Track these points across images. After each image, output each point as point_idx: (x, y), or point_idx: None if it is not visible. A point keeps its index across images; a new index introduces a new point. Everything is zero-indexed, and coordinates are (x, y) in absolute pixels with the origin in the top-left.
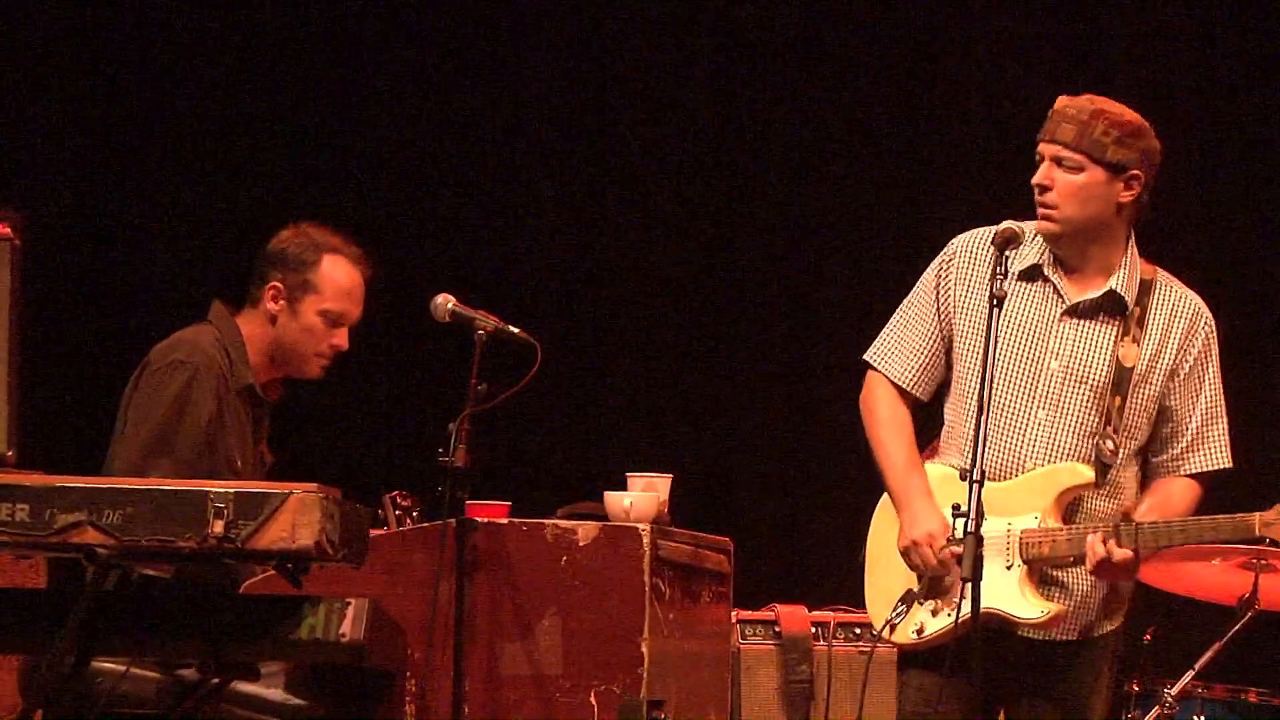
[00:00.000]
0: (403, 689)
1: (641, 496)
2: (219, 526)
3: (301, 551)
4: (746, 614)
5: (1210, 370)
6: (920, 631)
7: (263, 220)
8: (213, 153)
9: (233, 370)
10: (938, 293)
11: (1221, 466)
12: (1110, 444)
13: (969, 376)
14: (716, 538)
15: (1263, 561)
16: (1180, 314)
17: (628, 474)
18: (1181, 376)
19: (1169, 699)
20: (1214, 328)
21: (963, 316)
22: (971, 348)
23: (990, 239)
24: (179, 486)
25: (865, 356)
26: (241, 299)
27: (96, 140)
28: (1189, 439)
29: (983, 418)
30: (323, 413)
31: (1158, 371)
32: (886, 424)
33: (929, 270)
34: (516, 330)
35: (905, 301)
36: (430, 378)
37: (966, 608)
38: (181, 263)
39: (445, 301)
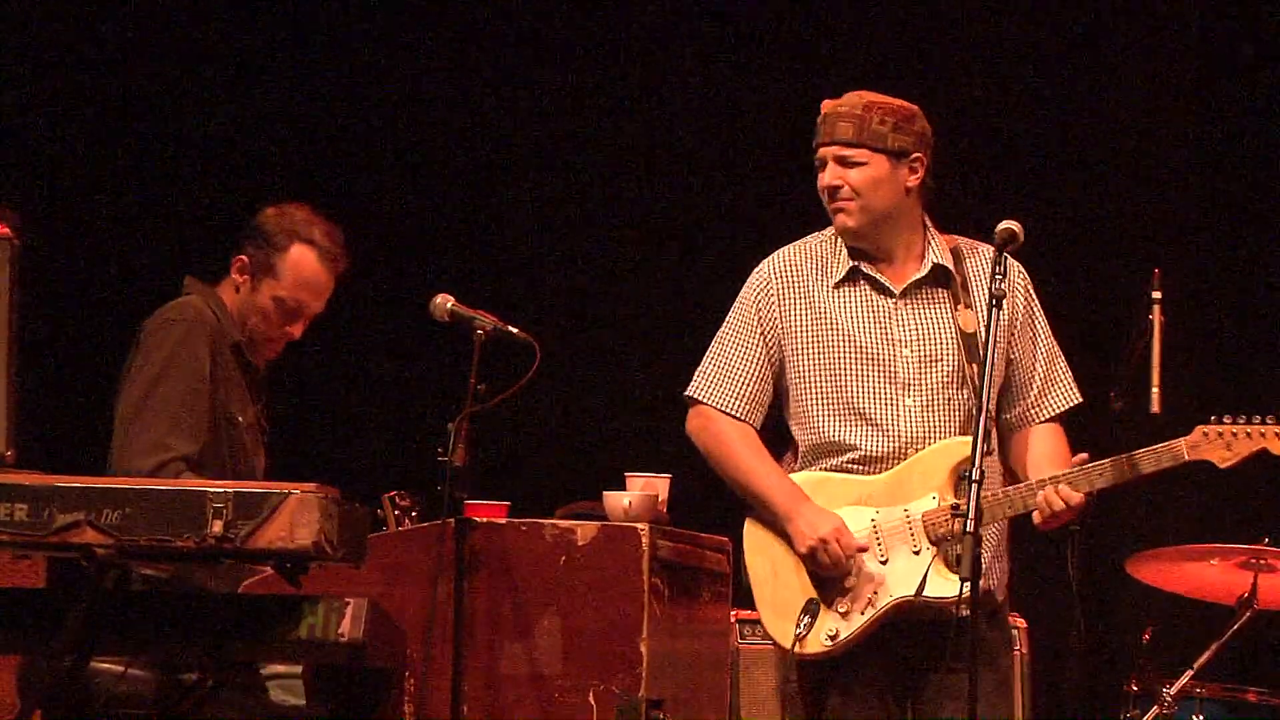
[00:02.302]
0: (402, 688)
1: (640, 496)
2: (218, 526)
3: (300, 551)
4: (745, 614)
5: (1037, 314)
6: (834, 637)
7: None
8: (215, 154)
9: (223, 328)
10: (759, 318)
11: (1074, 403)
12: None
13: (818, 381)
14: (715, 537)
15: (1261, 561)
16: None
17: (626, 474)
18: (1017, 328)
19: (1168, 698)
20: (1027, 275)
21: (798, 331)
22: (817, 356)
23: (798, 252)
24: (178, 486)
25: (688, 393)
26: (219, 276)
27: (97, 140)
28: (1039, 384)
29: (981, 417)
30: (322, 413)
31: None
32: (739, 444)
33: (743, 299)
34: (515, 330)
35: (720, 334)
36: (429, 378)
37: (880, 602)
38: (183, 263)
39: (444, 301)
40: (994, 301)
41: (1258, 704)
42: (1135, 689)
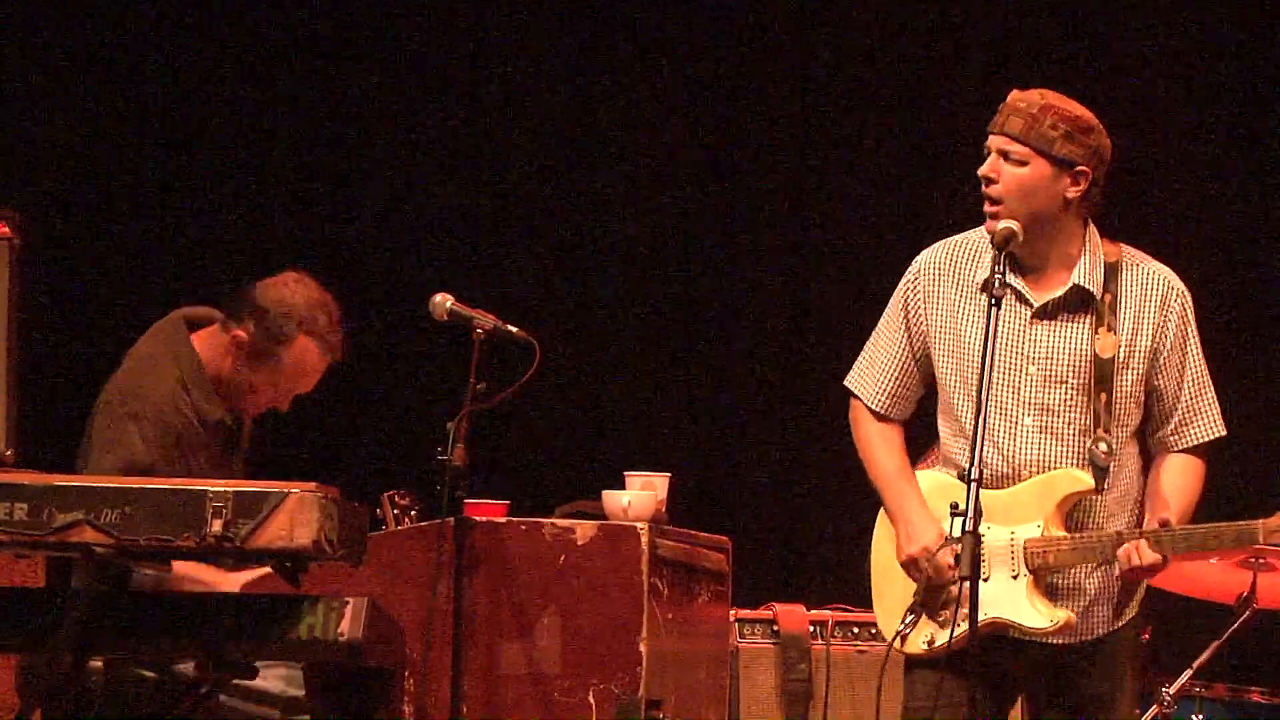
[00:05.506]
0: (401, 688)
1: (640, 495)
2: (217, 525)
3: (300, 550)
4: (745, 613)
5: (1190, 342)
6: (931, 643)
7: (263, 220)
8: (211, 152)
9: (196, 410)
10: (906, 312)
11: (1216, 436)
12: (1103, 446)
13: (952, 390)
14: (714, 537)
15: (1261, 560)
16: (1151, 291)
17: (626, 473)
18: (1164, 354)
19: (1167, 698)
20: (1188, 298)
21: (937, 330)
22: (951, 361)
23: (951, 249)
24: (177, 486)
25: (845, 382)
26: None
27: (96, 139)
28: (1181, 414)
29: (980, 417)
30: (322, 412)
31: (1138, 355)
32: (871, 441)
33: (896, 292)
34: (515, 329)
35: (877, 326)
36: (429, 377)
37: (961, 615)
38: (182, 262)
39: (444, 300)
40: (993, 301)
41: (1257, 704)
42: None
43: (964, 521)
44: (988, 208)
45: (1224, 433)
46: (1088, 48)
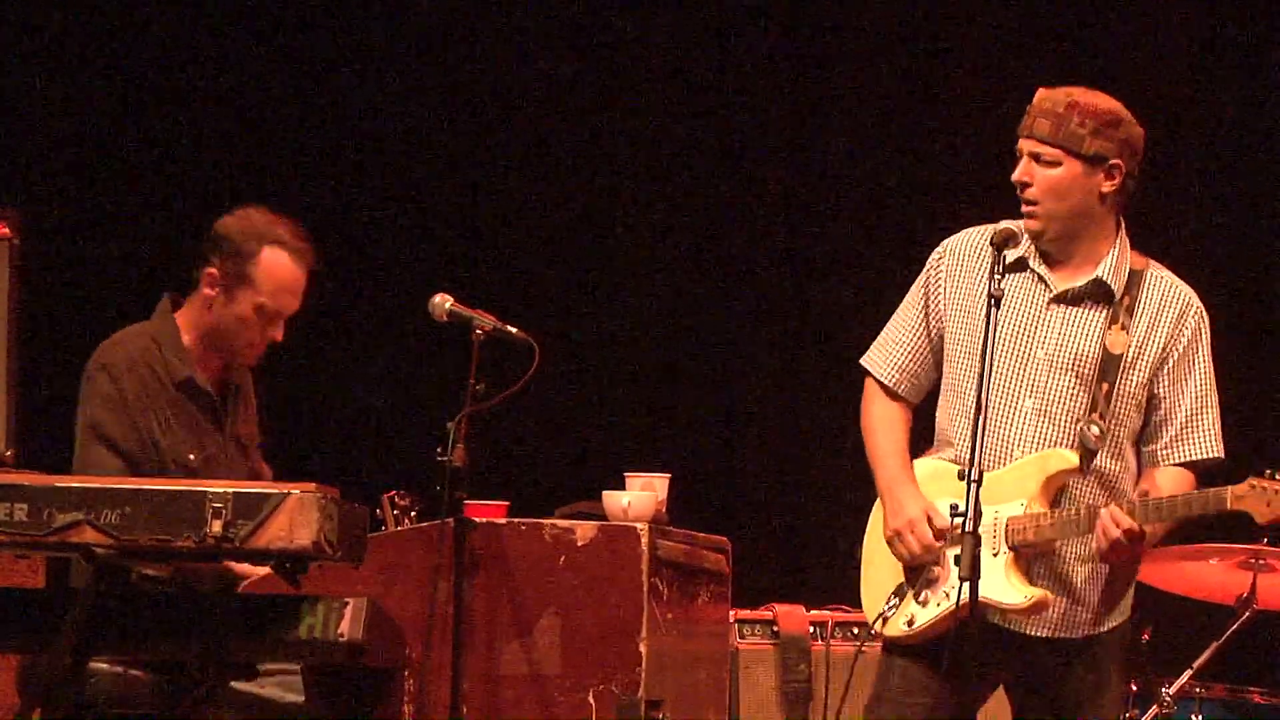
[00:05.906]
0: (401, 688)
1: (640, 496)
2: (217, 526)
3: (300, 551)
4: (745, 613)
5: (1200, 359)
6: (911, 623)
7: None
8: (214, 152)
9: (166, 365)
10: (926, 294)
11: (1211, 455)
12: (1095, 429)
13: (959, 372)
14: (714, 537)
15: (1261, 561)
16: (1170, 303)
17: (626, 473)
18: (1170, 365)
19: (1167, 698)
20: (1205, 318)
21: (953, 315)
22: (961, 344)
23: (978, 238)
24: (177, 487)
25: (861, 360)
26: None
27: (96, 139)
28: (1177, 428)
29: (980, 416)
30: (321, 413)
31: (1145, 359)
32: (875, 421)
33: (921, 273)
34: (514, 330)
35: (899, 307)
36: (428, 378)
37: (956, 597)
38: (182, 262)
39: (443, 301)
40: (992, 301)
41: (1257, 704)
42: (1135, 688)
43: (964, 521)
44: (1025, 208)
45: (1221, 455)
46: (1088, 47)
